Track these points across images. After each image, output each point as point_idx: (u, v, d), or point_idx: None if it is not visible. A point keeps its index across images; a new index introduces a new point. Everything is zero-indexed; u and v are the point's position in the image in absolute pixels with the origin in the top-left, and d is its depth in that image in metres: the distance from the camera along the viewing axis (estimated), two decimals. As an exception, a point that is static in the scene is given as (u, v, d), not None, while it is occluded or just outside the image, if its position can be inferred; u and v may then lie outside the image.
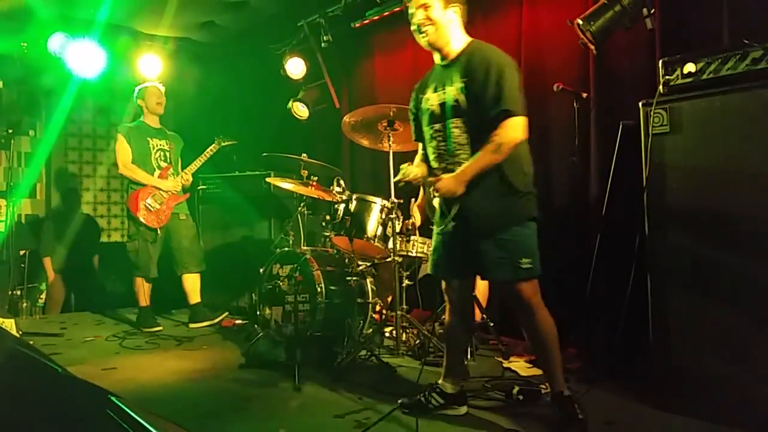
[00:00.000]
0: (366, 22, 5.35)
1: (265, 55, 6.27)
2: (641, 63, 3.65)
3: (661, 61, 2.76)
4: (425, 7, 2.60)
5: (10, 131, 5.63)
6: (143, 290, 4.97)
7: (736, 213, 2.50)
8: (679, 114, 2.67)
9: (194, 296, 5.15)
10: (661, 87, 2.73)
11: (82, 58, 5.38)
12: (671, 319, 2.68)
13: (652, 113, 2.72)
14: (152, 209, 4.91)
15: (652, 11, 3.25)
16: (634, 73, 3.71)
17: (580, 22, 3.30)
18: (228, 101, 6.72)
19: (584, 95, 3.74)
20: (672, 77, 2.70)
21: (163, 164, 5.09)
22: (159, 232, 4.92)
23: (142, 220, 4.85)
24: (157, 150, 5.09)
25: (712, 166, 2.57)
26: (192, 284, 5.15)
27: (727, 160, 2.54)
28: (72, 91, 5.95)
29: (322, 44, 5.49)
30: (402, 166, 2.75)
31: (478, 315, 3.82)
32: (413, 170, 2.71)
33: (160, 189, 4.97)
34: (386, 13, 5.13)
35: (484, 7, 4.67)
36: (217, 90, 6.71)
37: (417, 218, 4.32)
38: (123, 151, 4.95)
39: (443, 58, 2.69)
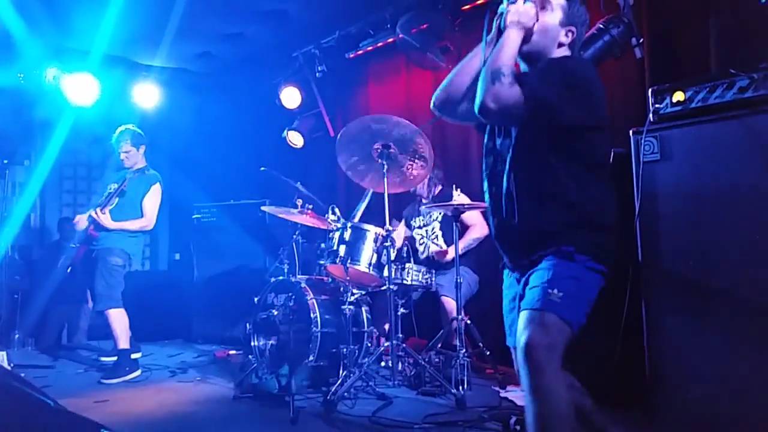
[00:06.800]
0: (360, 52, 5.44)
1: (261, 85, 6.33)
2: (631, 91, 3.70)
3: (650, 90, 2.80)
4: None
5: (5, 162, 5.63)
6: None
7: (728, 239, 2.51)
8: (669, 142, 2.70)
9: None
10: (651, 115, 2.77)
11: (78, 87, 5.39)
12: (667, 345, 2.67)
13: (642, 141, 2.75)
14: None
15: (641, 40, 3.31)
16: (624, 102, 3.76)
17: (571, 52, 3.35)
18: (224, 131, 6.76)
19: (576, 123, 3.77)
20: (661, 106, 2.74)
21: None
22: None
23: None
24: None
25: (703, 192, 2.60)
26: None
27: (717, 186, 2.56)
28: (67, 122, 5.97)
29: (317, 74, 5.55)
30: None
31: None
32: None
33: None
34: (380, 44, 5.22)
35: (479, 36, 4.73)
36: (213, 120, 6.75)
37: (399, 239, 4.37)
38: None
39: None
